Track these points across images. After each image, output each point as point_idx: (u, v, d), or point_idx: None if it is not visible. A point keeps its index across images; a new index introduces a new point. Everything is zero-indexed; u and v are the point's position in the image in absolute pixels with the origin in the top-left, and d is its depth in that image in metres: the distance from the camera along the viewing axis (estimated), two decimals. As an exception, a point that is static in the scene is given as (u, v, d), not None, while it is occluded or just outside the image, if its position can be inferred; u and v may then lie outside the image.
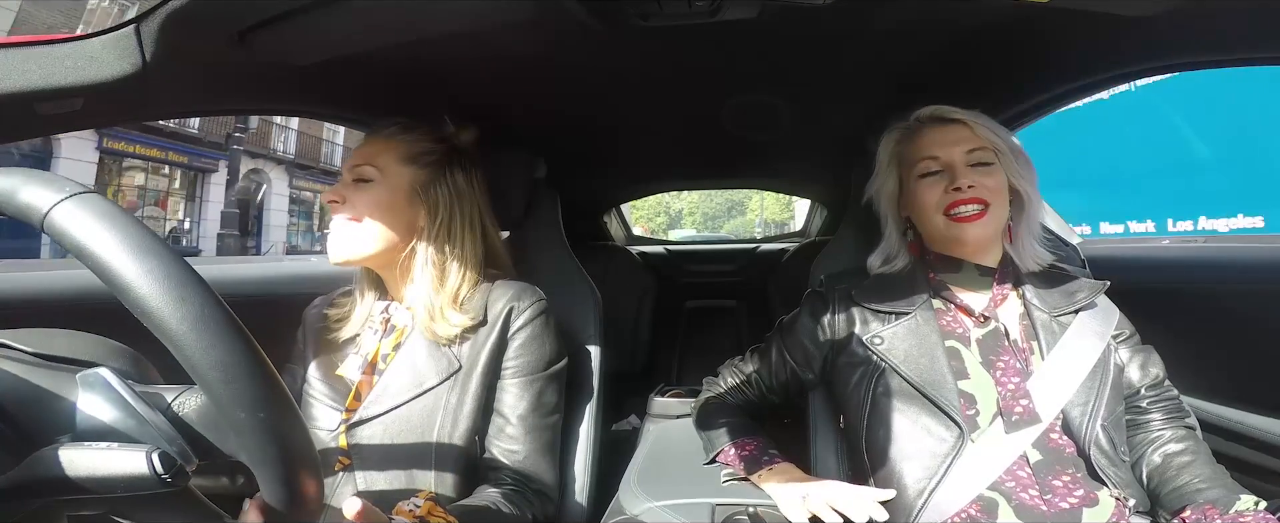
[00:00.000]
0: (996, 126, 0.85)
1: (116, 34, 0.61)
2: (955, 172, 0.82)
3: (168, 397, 0.39)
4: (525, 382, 0.85)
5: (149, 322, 0.33)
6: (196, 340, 0.33)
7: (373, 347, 0.86)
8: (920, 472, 0.76)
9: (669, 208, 28.45)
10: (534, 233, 1.08)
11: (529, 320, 0.86)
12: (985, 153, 0.83)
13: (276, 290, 1.30)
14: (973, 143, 0.83)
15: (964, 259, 0.85)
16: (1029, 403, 0.76)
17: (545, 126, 1.25)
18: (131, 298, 0.33)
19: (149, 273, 0.33)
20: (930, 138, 0.85)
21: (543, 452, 0.85)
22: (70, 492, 0.36)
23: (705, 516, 0.80)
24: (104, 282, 0.33)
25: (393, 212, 0.84)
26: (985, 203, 0.80)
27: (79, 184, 0.35)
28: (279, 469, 0.36)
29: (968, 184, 0.80)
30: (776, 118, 1.30)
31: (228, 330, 0.34)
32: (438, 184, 0.87)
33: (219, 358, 0.33)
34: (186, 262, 0.35)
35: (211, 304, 0.34)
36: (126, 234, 0.33)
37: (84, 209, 0.34)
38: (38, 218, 0.33)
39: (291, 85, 0.88)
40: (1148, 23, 0.74)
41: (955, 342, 0.82)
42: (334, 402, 0.83)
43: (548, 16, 0.74)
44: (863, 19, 0.84)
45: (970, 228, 0.81)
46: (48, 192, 0.34)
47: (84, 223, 0.33)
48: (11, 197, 0.34)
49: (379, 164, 0.84)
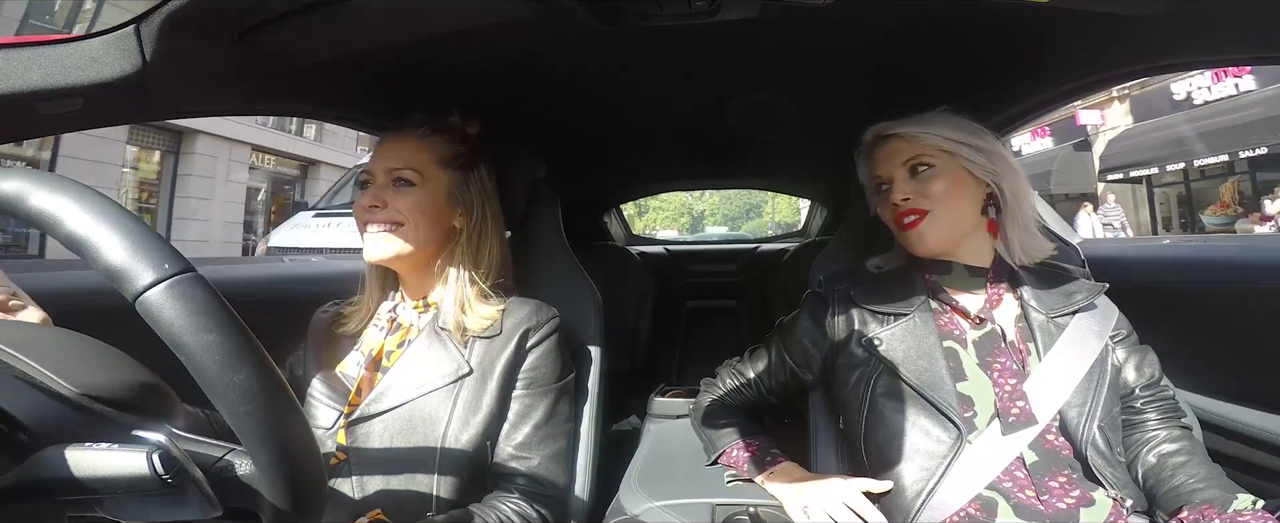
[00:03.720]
0: (952, 128, 0.85)
1: (116, 34, 0.61)
2: (894, 185, 0.86)
3: (214, 456, 0.40)
4: (541, 392, 0.85)
5: (231, 420, 0.35)
6: (271, 449, 0.36)
7: (377, 343, 0.86)
8: (918, 472, 0.76)
9: (691, 209, 29.61)
10: (534, 234, 1.08)
11: (546, 336, 0.87)
12: (924, 159, 0.84)
13: (279, 291, 1.30)
14: (908, 154, 0.85)
15: (951, 260, 0.85)
16: (1026, 405, 0.76)
17: (545, 127, 1.25)
18: (219, 401, 0.34)
19: (241, 385, 0.34)
20: (875, 158, 0.89)
21: (556, 459, 0.86)
22: (71, 492, 0.36)
23: (705, 516, 0.80)
24: (192, 373, 0.34)
25: (435, 214, 0.85)
26: (922, 212, 0.83)
27: (180, 259, 0.34)
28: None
29: (902, 197, 0.84)
30: (776, 118, 1.30)
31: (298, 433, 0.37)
32: (470, 185, 0.88)
33: (289, 463, 0.36)
34: (274, 368, 0.36)
35: (292, 413, 0.37)
36: (225, 339, 0.34)
37: (184, 297, 0.33)
38: (130, 292, 0.33)
39: (292, 86, 0.88)
40: (1147, 23, 0.74)
41: (953, 343, 0.82)
42: (333, 400, 0.82)
43: (548, 16, 0.74)
44: (863, 19, 0.84)
45: (912, 234, 0.84)
46: (147, 266, 0.33)
47: (183, 315, 0.33)
48: (97, 252, 0.33)
49: (418, 166, 0.84)
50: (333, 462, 0.79)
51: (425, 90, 1.02)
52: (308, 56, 0.79)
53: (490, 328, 0.84)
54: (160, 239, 0.35)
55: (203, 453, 0.39)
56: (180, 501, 0.37)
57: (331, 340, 0.89)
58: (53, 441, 0.37)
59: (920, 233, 0.83)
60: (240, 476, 0.39)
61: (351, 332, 0.88)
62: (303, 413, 0.37)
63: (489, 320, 0.84)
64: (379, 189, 0.83)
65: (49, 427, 0.37)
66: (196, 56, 0.69)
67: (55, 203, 0.33)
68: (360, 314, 0.89)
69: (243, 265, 1.64)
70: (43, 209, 0.33)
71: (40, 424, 0.37)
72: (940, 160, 0.84)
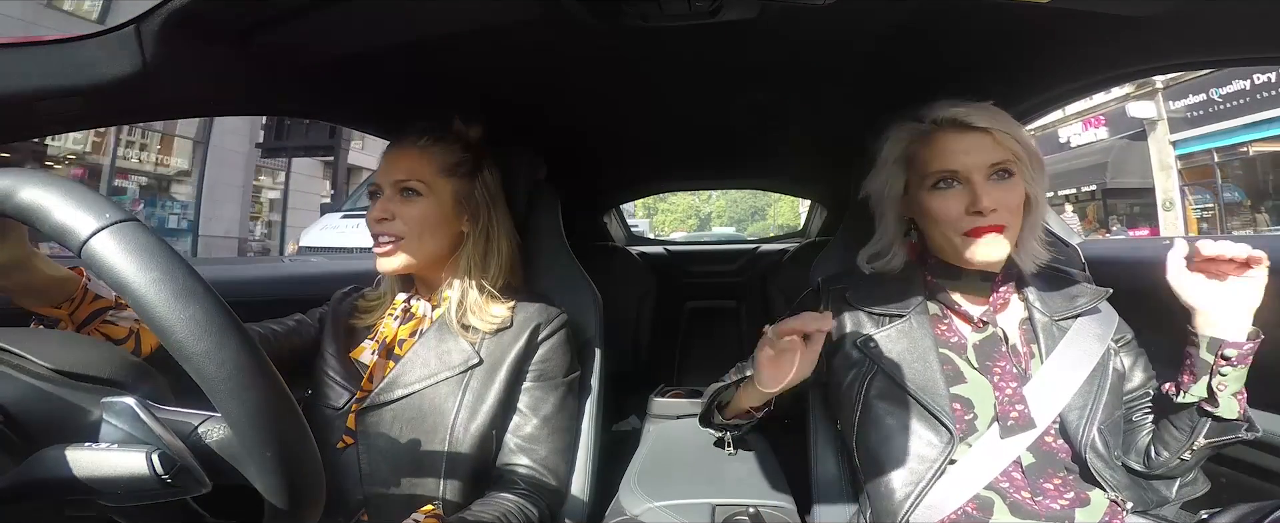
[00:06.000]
0: (1017, 129, 0.79)
1: (116, 34, 0.61)
2: (976, 190, 0.75)
3: (192, 423, 0.39)
4: (550, 385, 0.87)
5: (184, 362, 0.33)
6: (231, 388, 0.34)
7: (391, 331, 0.88)
8: (908, 476, 0.76)
9: (699, 211, 30.78)
10: (534, 234, 1.08)
11: (555, 331, 0.89)
12: (1010, 165, 0.77)
13: (280, 291, 1.30)
14: (995, 155, 0.76)
15: (966, 268, 0.83)
16: (1024, 408, 0.75)
17: (545, 127, 1.25)
18: (170, 341, 0.33)
19: (191, 320, 0.33)
20: (948, 145, 0.78)
21: (561, 452, 0.87)
22: (71, 492, 0.36)
23: (705, 516, 0.80)
24: (141, 318, 0.33)
25: (442, 224, 0.87)
26: (1004, 226, 0.76)
27: (120, 210, 0.34)
28: (290, 498, 0.37)
29: (990, 207, 0.74)
30: (776, 118, 1.30)
31: (261, 377, 0.35)
32: (475, 190, 0.90)
33: (252, 406, 0.34)
34: (225, 305, 0.35)
35: (247, 350, 0.35)
36: (169, 275, 0.33)
37: (124, 242, 0.33)
38: (75, 244, 0.33)
39: (292, 86, 0.88)
40: (1148, 23, 0.74)
41: (949, 351, 0.81)
42: (347, 383, 0.84)
43: (548, 17, 0.74)
44: (863, 19, 0.84)
45: (983, 245, 0.76)
46: (87, 216, 0.33)
47: (124, 258, 0.33)
48: (46, 214, 0.34)
49: (423, 177, 0.86)
50: (340, 446, 0.81)
51: (426, 91, 1.02)
52: (307, 57, 0.79)
53: (500, 323, 0.86)
54: (100, 195, 0.35)
55: (178, 421, 0.39)
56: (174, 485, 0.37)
57: (350, 328, 0.91)
58: (28, 419, 0.37)
59: (997, 246, 0.76)
60: (213, 442, 0.38)
61: (370, 323, 0.91)
62: (264, 354, 0.36)
63: (499, 318, 0.86)
64: (386, 201, 0.86)
65: (23, 405, 0.37)
66: (196, 56, 0.69)
67: (3, 183, 0.35)
68: (379, 307, 0.92)
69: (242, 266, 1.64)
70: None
71: (14, 404, 0.37)
72: (1017, 169, 0.78)
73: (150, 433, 0.36)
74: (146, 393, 0.39)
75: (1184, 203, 9.38)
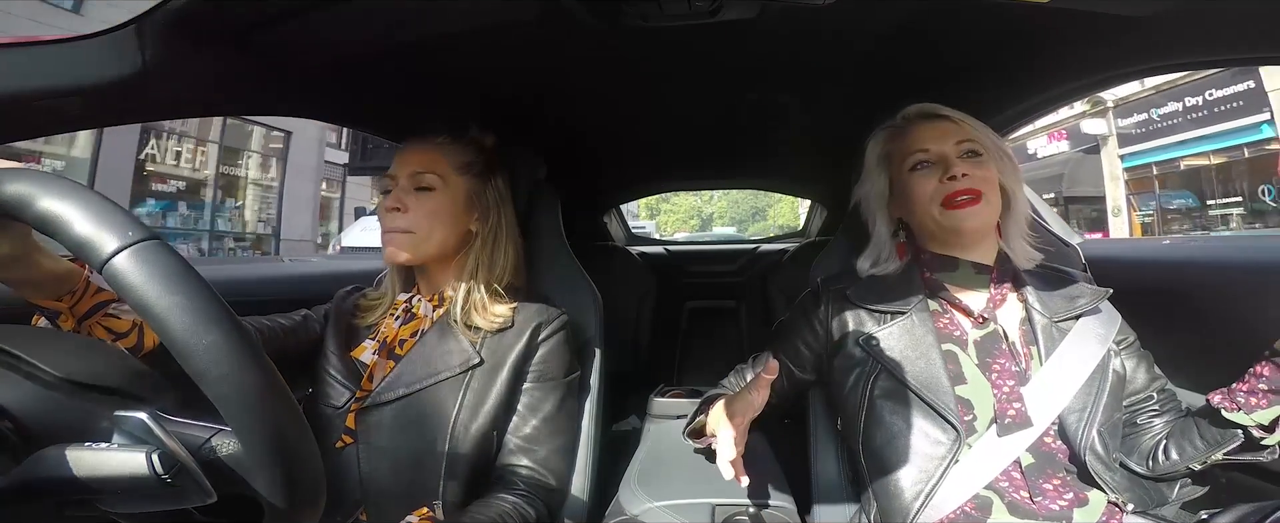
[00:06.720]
0: (983, 127, 0.86)
1: (116, 34, 0.61)
2: (949, 162, 0.82)
3: (202, 437, 0.39)
4: (551, 385, 0.88)
5: (200, 383, 0.34)
6: (247, 410, 0.34)
7: (392, 331, 0.88)
8: (917, 474, 0.76)
9: (701, 212, 31.46)
10: (535, 234, 1.08)
11: (556, 331, 0.89)
12: (975, 145, 0.83)
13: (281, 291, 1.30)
14: (961, 135, 0.84)
15: (960, 257, 0.85)
16: (1022, 407, 0.75)
17: (545, 127, 1.25)
18: (189, 365, 0.33)
19: (212, 346, 0.33)
20: (920, 133, 0.86)
21: (561, 452, 0.88)
22: (71, 492, 0.36)
23: (705, 516, 0.80)
24: (162, 340, 0.33)
25: (453, 219, 0.88)
26: (978, 192, 0.80)
27: (142, 227, 0.34)
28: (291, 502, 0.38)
29: (962, 172, 0.80)
30: (776, 118, 1.30)
31: (276, 400, 0.36)
32: (486, 191, 0.91)
33: (268, 429, 0.35)
34: (245, 329, 0.35)
35: (265, 376, 0.35)
36: (191, 301, 0.33)
37: (147, 262, 0.33)
38: (97, 261, 0.33)
39: (292, 86, 0.88)
40: (1148, 23, 0.74)
41: (952, 345, 0.81)
42: (347, 382, 0.85)
43: (548, 17, 0.74)
44: (863, 19, 0.84)
45: (965, 214, 0.80)
46: (109, 234, 0.33)
47: (147, 280, 0.33)
48: (67, 226, 0.33)
49: (439, 172, 0.88)
50: (339, 445, 0.81)
51: (426, 91, 1.02)
52: (308, 58, 0.79)
53: (502, 323, 0.86)
54: (124, 210, 0.35)
55: (190, 434, 0.38)
56: (178, 493, 0.37)
57: (351, 327, 0.91)
58: (37, 427, 0.36)
59: (975, 213, 0.80)
60: (223, 456, 0.38)
61: (371, 323, 0.91)
62: (280, 377, 0.36)
63: (501, 318, 0.87)
64: (401, 192, 0.87)
65: (33, 413, 0.37)
66: (197, 57, 0.69)
67: (22, 187, 0.34)
68: (380, 307, 0.92)
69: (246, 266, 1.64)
70: (11, 194, 0.34)
71: (23, 411, 0.36)
72: (986, 155, 0.84)
73: (162, 446, 0.36)
74: (156, 405, 0.39)
75: (1129, 209, 10.41)
